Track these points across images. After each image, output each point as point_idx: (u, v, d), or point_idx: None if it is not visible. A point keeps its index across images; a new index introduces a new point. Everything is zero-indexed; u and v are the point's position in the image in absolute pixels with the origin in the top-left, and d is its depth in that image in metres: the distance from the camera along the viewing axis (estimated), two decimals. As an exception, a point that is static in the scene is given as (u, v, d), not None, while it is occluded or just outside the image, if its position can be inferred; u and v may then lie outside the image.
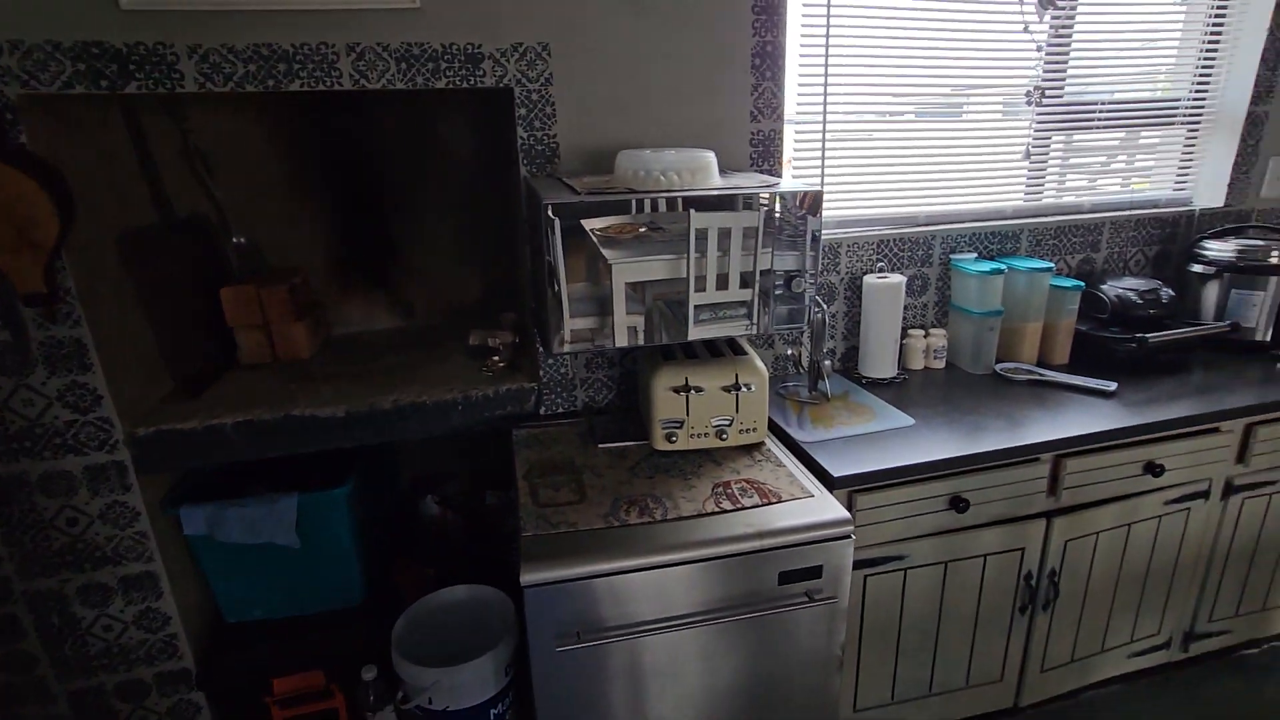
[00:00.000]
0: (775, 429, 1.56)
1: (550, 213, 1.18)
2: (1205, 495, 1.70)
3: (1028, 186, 2.02)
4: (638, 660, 1.20)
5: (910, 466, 1.38)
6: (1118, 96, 2.02)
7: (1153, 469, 1.58)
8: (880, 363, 1.80)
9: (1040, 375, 1.77)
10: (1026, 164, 1.99)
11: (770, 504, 1.27)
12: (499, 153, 1.66)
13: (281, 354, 1.68)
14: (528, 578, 1.10)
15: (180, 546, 1.52)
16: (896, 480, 1.40)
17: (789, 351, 1.80)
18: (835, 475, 1.34)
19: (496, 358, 1.63)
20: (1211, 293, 1.97)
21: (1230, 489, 1.72)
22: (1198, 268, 2.00)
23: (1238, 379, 1.75)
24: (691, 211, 1.22)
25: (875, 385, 1.78)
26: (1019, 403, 1.65)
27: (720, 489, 1.32)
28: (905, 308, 1.89)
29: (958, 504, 1.45)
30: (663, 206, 1.23)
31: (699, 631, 1.20)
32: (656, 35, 1.48)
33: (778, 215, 1.28)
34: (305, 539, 1.51)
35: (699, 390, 1.39)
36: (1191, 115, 2.10)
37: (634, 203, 1.21)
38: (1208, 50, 2.03)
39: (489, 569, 1.66)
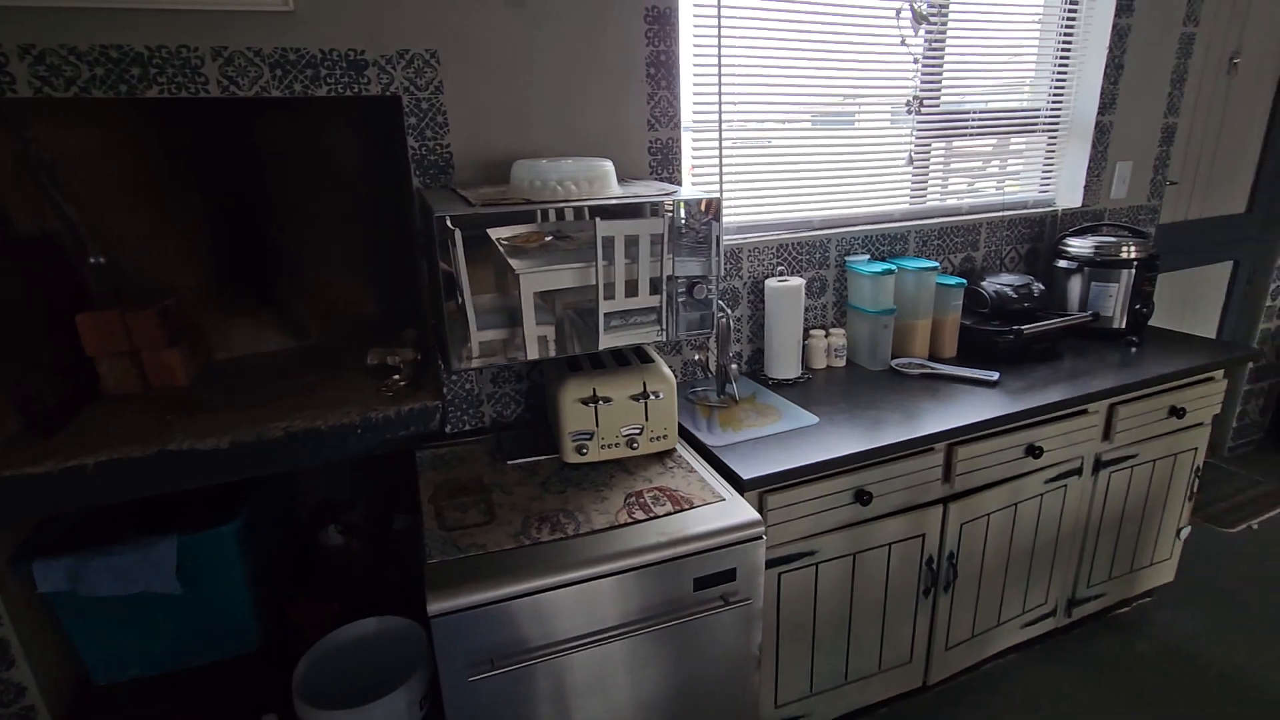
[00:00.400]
0: (686, 435, 1.57)
1: (450, 223, 1.14)
2: (1079, 472, 1.84)
3: (912, 191, 2.14)
4: (557, 681, 1.18)
5: (817, 464, 1.42)
6: (988, 106, 2.17)
7: (1033, 451, 1.70)
8: (785, 363, 1.85)
9: (932, 369, 1.88)
10: (910, 169, 2.10)
11: (683, 510, 1.27)
12: (392, 163, 1.59)
13: (155, 383, 1.54)
14: (434, 607, 1.05)
15: (36, 606, 1.36)
16: (804, 478, 1.43)
17: (696, 357, 1.82)
18: (745, 478, 1.36)
19: (397, 376, 1.56)
20: (1075, 286, 2.15)
21: (1099, 464, 1.87)
22: (1062, 263, 2.17)
23: (1101, 364, 1.91)
24: (598, 220, 1.21)
25: (781, 386, 1.82)
26: (914, 396, 1.73)
27: (633, 499, 1.31)
28: (806, 309, 1.96)
29: (862, 497, 1.50)
30: (566, 216, 1.21)
31: (617, 646, 1.19)
32: (551, 44, 1.46)
33: (682, 222, 1.29)
34: (189, 584, 1.39)
35: (607, 400, 1.38)
36: (1050, 124, 2.28)
37: (532, 213, 1.19)
38: (1060, 65, 2.22)
39: (401, 598, 1.58)
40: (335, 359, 1.71)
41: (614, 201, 1.24)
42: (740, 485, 1.36)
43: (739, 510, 1.27)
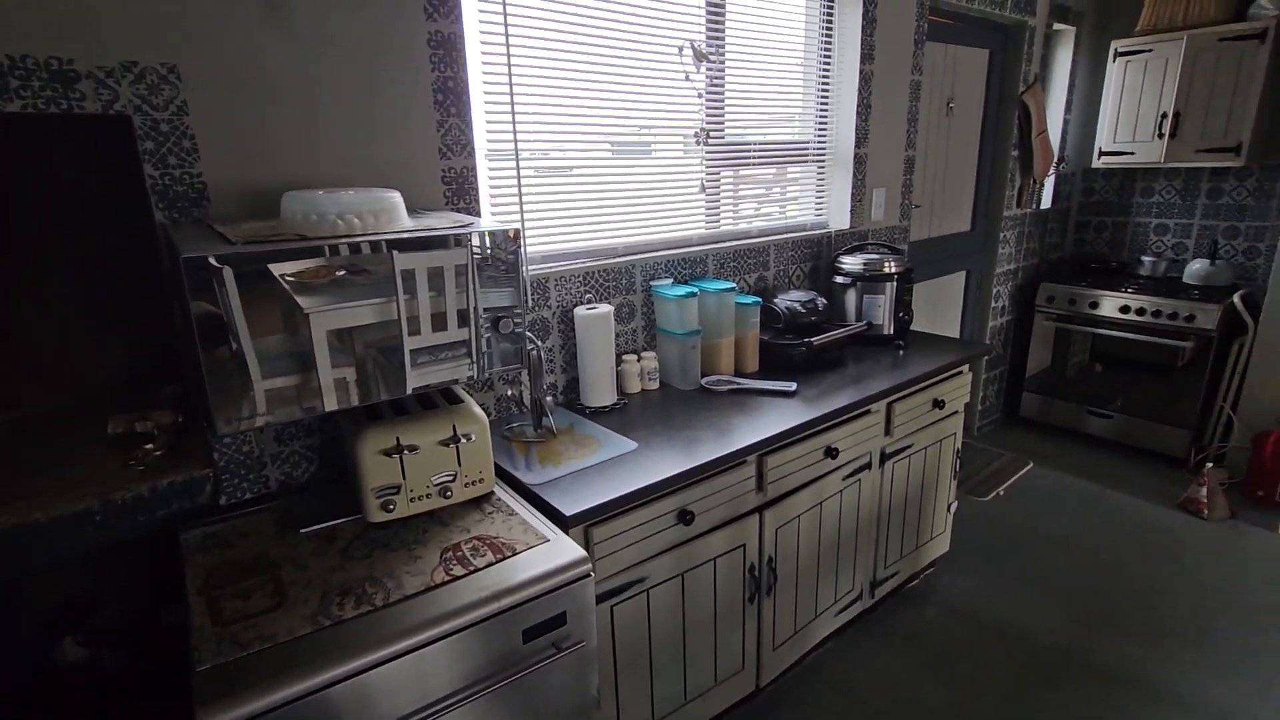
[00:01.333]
0: (504, 475, 1.49)
1: (214, 261, 0.97)
2: (869, 466, 2.04)
3: (707, 216, 2.26)
4: (373, 776, 1.04)
5: (639, 491, 1.42)
6: (767, 138, 2.37)
7: (831, 452, 1.85)
8: (600, 391, 1.85)
9: (738, 384, 1.98)
10: (703, 196, 2.22)
11: (505, 559, 1.20)
12: (131, 195, 1.34)
13: None
14: (208, 724, 0.88)
15: None
16: (628, 506, 1.42)
17: (510, 392, 1.76)
18: (568, 514, 1.32)
19: (151, 445, 1.30)
20: (851, 299, 2.40)
21: (884, 457, 2.09)
22: (839, 279, 2.42)
23: (877, 367, 2.15)
24: (395, 253, 1.11)
25: (598, 414, 1.82)
26: (724, 412, 1.81)
27: (450, 554, 1.21)
28: (617, 335, 1.98)
29: (685, 517, 1.53)
30: (343, 251, 1.09)
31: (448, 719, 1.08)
32: (325, 67, 1.33)
33: (486, 253, 1.23)
34: None
35: (413, 449, 1.27)
36: (818, 155, 2.55)
37: (309, 250, 1.06)
38: (822, 104, 2.49)
39: (176, 712, 1.32)
40: (64, 431, 1.39)
41: (404, 235, 1.15)
42: (564, 522, 1.31)
43: (564, 550, 1.22)
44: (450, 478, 1.32)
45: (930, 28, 2.80)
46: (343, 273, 1.09)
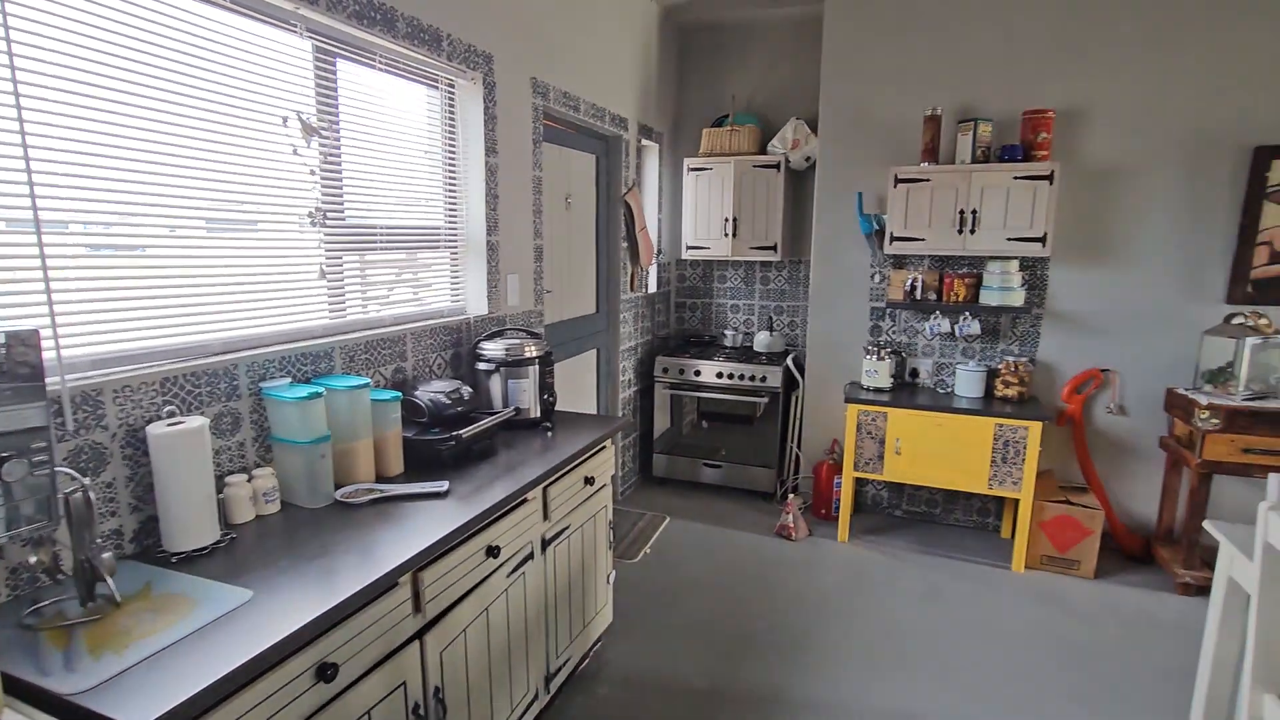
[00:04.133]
0: (21, 690, 1.01)
1: None
2: (532, 556, 1.97)
3: (330, 305, 2.00)
4: None
5: (254, 660, 1.09)
6: (394, 222, 2.23)
7: (492, 551, 1.73)
8: (193, 529, 1.42)
9: (381, 491, 1.74)
10: (325, 283, 1.97)
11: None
12: None
13: None
14: None
15: None
16: (237, 687, 1.08)
17: (33, 559, 1.23)
18: (140, 726, 0.93)
19: None
20: (496, 384, 2.36)
21: (545, 544, 2.05)
22: (481, 365, 2.37)
23: (529, 452, 2.12)
24: None
25: (192, 560, 1.39)
26: (368, 528, 1.56)
27: None
28: (217, 452, 1.58)
29: (325, 673, 1.23)
30: None
31: None
32: None
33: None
34: None
35: None
36: (450, 241, 2.50)
37: None
38: (450, 190, 2.47)
39: None
40: None
41: None
42: (134, 740, 0.92)
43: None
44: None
45: (546, 130, 3.04)
46: None
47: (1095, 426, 3.50)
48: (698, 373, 4.03)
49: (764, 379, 3.91)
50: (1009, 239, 3.26)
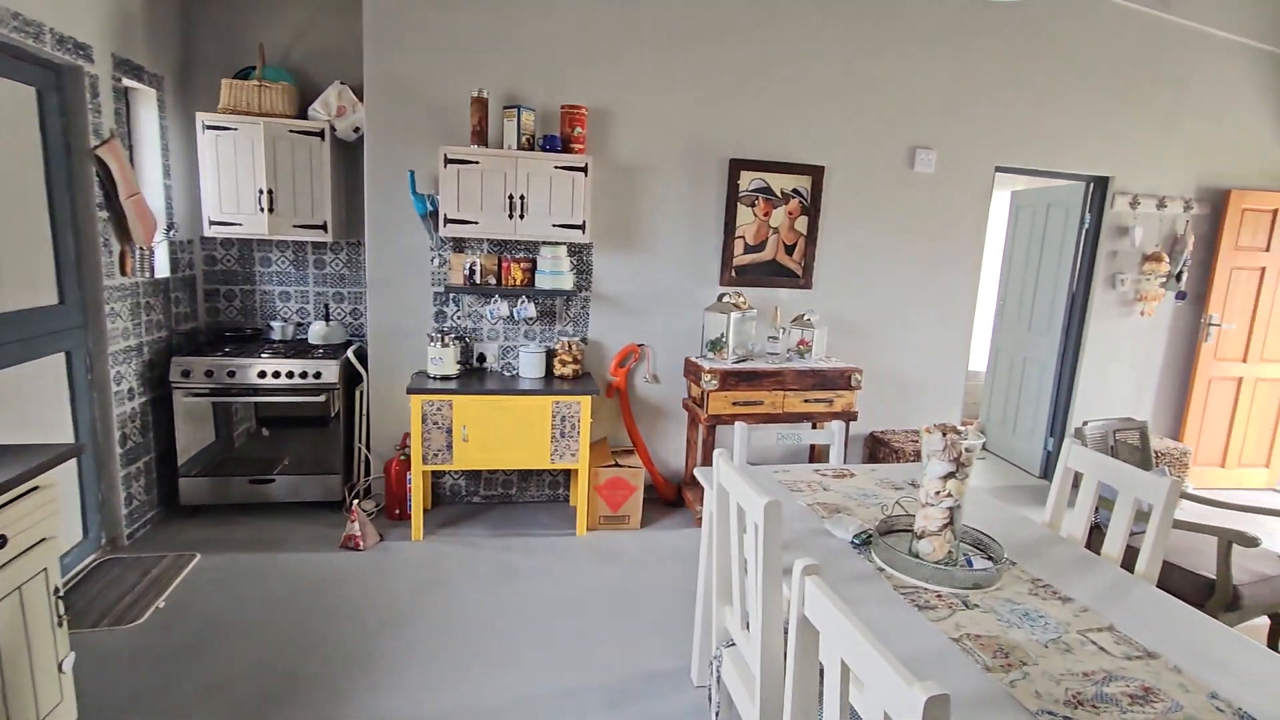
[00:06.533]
0: None
1: None
2: None
3: None
4: None
5: None
6: None
7: None
8: None
9: None
10: None
11: None
12: None
13: None
14: None
15: None
16: None
17: None
18: None
19: None
20: None
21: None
22: None
23: None
24: None
25: None
26: None
27: None
28: None
29: None
30: None
31: None
32: None
33: None
34: None
35: None
36: None
37: None
38: None
39: None
40: None
41: None
42: None
43: None
44: None
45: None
46: None
47: (637, 394, 3.98)
48: (232, 373, 3.35)
49: (320, 375, 3.45)
50: (554, 225, 3.44)
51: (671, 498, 4.00)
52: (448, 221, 3.34)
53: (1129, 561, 2.02)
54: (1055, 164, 4.24)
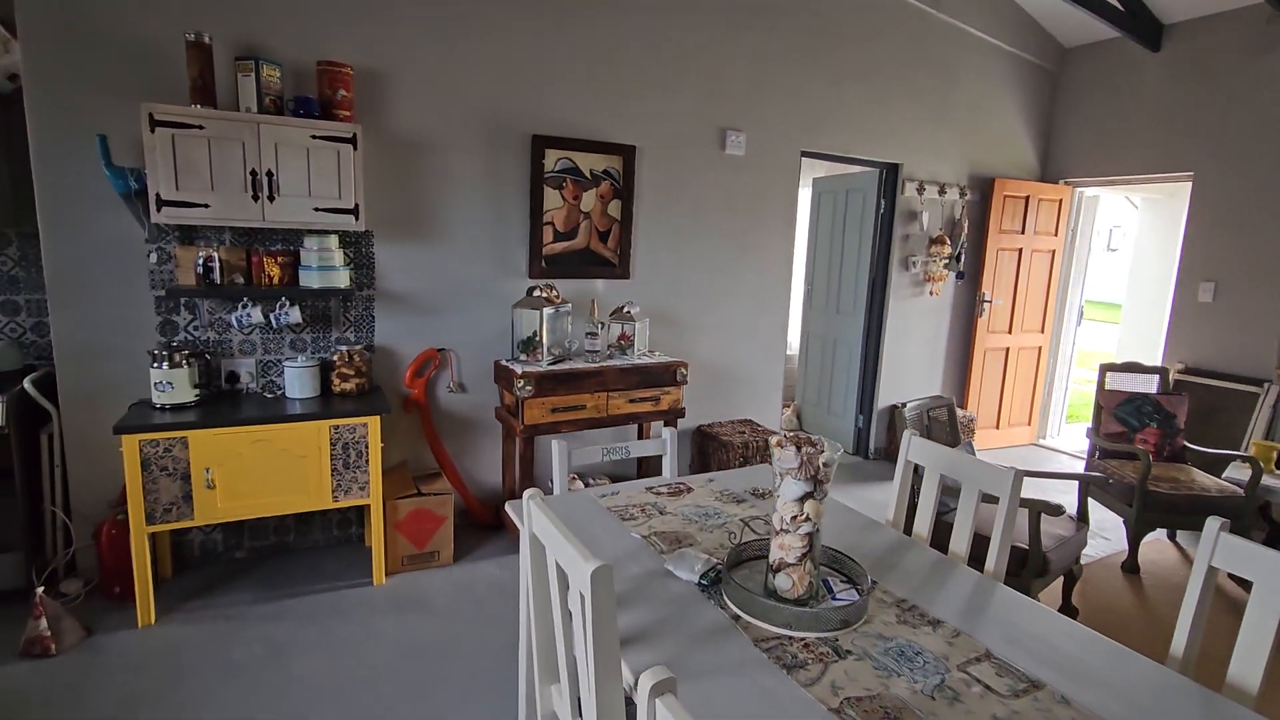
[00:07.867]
0: None
1: None
2: None
3: None
4: None
5: None
6: None
7: None
8: None
9: None
10: None
11: None
12: None
13: None
14: None
15: None
16: None
17: None
18: None
19: None
20: None
21: None
22: None
23: None
24: None
25: None
26: None
27: None
28: None
29: None
30: None
31: None
32: None
33: None
34: None
35: None
36: None
37: None
38: None
39: None
40: None
41: None
42: None
43: None
44: None
45: None
46: None
47: (441, 407, 3.43)
48: None
49: (-24, 418, 2.48)
50: (317, 209, 2.77)
51: (490, 520, 3.50)
52: (163, 204, 2.54)
53: (978, 550, 1.93)
54: (852, 150, 4.34)
